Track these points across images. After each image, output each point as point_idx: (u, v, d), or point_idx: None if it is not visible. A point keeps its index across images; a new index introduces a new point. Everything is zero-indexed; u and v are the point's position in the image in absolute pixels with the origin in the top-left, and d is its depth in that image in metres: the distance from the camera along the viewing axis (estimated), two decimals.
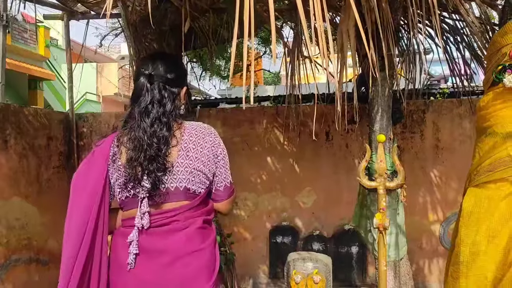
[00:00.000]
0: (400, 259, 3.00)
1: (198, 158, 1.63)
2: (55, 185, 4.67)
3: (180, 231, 1.59)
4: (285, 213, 4.57)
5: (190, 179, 1.60)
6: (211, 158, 1.67)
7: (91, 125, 4.98)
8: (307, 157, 4.52)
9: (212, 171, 1.67)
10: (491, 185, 2.18)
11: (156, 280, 1.57)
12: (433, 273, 4.28)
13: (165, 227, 1.59)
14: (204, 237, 1.63)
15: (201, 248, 1.61)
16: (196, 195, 1.63)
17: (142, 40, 3.75)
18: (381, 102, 2.91)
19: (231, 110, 4.96)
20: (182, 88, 1.73)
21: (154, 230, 1.58)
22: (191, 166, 1.61)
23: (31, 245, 4.33)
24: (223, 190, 1.71)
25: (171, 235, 1.59)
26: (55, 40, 13.76)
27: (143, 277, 1.57)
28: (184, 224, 1.60)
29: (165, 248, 1.58)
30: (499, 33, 2.25)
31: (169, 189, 1.59)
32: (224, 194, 1.72)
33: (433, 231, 4.27)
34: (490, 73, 2.27)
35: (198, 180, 1.62)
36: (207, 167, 1.65)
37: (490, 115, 2.21)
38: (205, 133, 1.69)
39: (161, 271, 1.57)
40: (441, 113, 4.31)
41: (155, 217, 1.59)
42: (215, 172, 1.69)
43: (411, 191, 3.53)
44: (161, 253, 1.58)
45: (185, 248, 1.58)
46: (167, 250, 1.58)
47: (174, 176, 1.59)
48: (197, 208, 1.63)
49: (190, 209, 1.61)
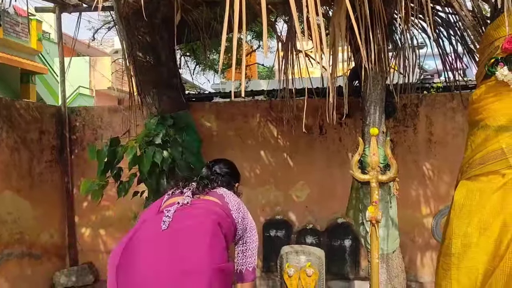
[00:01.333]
0: (393, 252, 3.01)
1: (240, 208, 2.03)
2: (47, 179, 4.64)
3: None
4: (279, 207, 4.57)
5: (228, 195, 2.04)
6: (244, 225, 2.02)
7: (84, 119, 4.94)
8: (301, 151, 4.52)
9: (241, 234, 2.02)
10: (483, 178, 2.20)
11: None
12: (425, 266, 4.31)
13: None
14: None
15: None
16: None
17: (134, 33, 3.72)
18: (374, 96, 2.91)
19: (225, 104, 4.94)
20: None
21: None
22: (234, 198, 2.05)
23: (24, 239, 4.31)
24: (243, 272, 2.01)
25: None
26: (47, 34, 13.61)
27: None
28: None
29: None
30: (491, 26, 2.26)
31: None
32: (244, 275, 2.02)
33: (425, 224, 4.30)
34: (482, 66, 2.28)
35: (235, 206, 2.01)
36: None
37: (482, 108, 2.22)
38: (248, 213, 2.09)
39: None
40: (434, 107, 4.32)
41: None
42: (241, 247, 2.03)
43: (403, 184, 3.54)
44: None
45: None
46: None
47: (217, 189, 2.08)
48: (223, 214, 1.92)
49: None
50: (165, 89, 3.90)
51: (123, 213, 4.67)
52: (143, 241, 1.74)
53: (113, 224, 4.84)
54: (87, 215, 4.91)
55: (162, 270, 1.63)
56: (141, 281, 1.63)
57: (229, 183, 2.22)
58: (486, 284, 2.07)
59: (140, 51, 3.77)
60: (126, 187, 3.58)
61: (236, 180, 2.35)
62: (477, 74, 2.39)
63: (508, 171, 2.09)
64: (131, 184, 3.59)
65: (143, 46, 3.75)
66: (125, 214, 4.63)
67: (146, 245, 1.72)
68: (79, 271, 4.73)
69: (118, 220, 4.78)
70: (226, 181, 2.19)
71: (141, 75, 3.86)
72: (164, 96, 3.89)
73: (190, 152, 3.82)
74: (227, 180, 2.21)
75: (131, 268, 1.67)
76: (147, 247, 1.71)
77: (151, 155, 3.41)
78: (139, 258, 1.68)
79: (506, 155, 2.09)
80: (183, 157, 3.69)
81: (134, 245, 1.74)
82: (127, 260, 1.70)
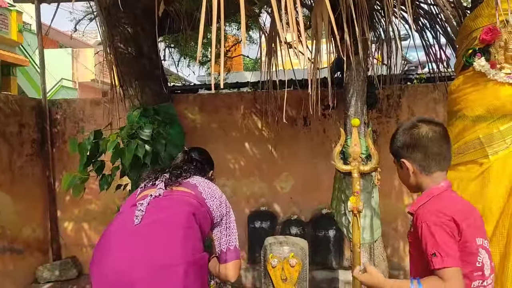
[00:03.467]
0: (375, 241, 3.05)
1: (216, 192, 2.00)
2: (28, 173, 4.57)
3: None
4: (263, 199, 4.59)
5: (201, 183, 1.98)
6: (222, 208, 1.98)
7: (65, 111, 4.87)
8: (285, 143, 4.53)
9: (218, 217, 1.97)
10: (461, 167, 2.23)
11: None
12: (407, 255, 4.37)
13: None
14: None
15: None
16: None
17: (115, 24, 3.66)
18: (356, 87, 2.92)
19: (208, 95, 4.91)
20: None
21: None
22: (208, 185, 2.00)
23: (5, 234, 4.25)
24: (225, 251, 1.96)
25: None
26: (28, 25, 13.35)
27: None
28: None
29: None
30: (469, 17, 2.28)
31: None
32: (226, 255, 1.97)
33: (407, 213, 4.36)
34: (460, 57, 2.30)
35: (209, 193, 1.96)
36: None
37: (460, 98, 2.24)
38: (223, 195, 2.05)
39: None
40: (416, 98, 4.36)
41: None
42: (219, 227, 1.98)
43: (386, 175, 3.56)
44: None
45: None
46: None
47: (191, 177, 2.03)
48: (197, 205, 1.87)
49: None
50: (148, 81, 3.86)
51: (107, 206, 4.64)
52: (116, 236, 1.71)
53: (96, 218, 4.81)
54: (69, 209, 4.86)
55: (136, 265, 1.60)
56: (114, 277, 1.60)
57: (203, 169, 2.18)
58: None
59: (121, 43, 3.71)
60: (109, 180, 3.54)
61: (211, 167, 2.31)
62: (456, 64, 2.41)
63: (485, 160, 2.12)
64: (113, 178, 3.56)
65: (125, 38, 3.70)
66: (109, 207, 4.59)
67: (119, 240, 1.69)
68: (62, 265, 4.69)
69: (101, 213, 4.74)
70: (200, 168, 2.15)
71: (123, 67, 3.80)
72: (146, 88, 3.85)
73: (174, 145, 3.79)
74: (200, 167, 2.17)
75: (104, 263, 1.65)
76: (119, 242, 1.68)
77: (133, 148, 3.38)
78: (112, 253, 1.66)
79: (483, 145, 2.12)
80: (166, 150, 3.66)
81: (107, 240, 1.72)
82: (101, 255, 1.68)
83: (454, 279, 1.36)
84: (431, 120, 1.60)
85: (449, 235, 1.41)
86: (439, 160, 1.55)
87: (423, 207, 1.50)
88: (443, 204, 1.47)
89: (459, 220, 1.43)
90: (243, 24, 1.50)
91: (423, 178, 1.56)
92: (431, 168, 1.55)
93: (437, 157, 1.55)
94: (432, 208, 1.47)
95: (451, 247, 1.40)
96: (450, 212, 1.44)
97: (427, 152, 1.54)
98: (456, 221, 1.43)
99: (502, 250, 2.00)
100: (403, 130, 1.61)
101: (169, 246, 1.66)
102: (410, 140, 1.56)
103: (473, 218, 1.51)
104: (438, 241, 1.40)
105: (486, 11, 2.14)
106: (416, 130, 1.56)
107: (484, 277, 1.49)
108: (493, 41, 2.11)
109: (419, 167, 1.55)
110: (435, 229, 1.41)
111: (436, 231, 1.41)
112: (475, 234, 1.49)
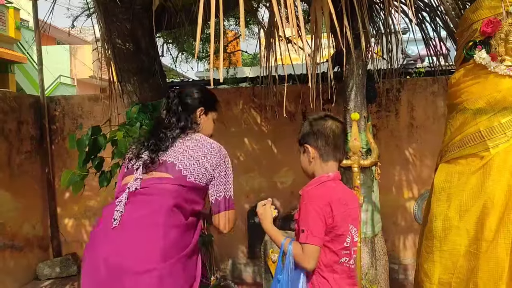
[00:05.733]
0: (375, 236, 3.04)
1: (199, 154, 1.86)
2: (27, 170, 4.56)
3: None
4: (263, 194, 4.58)
5: (179, 158, 1.82)
6: (213, 162, 1.86)
7: (64, 108, 4.85)
8: (285, 138, 4.51)
9: (212, 174, 1.86)
10: (461, 161, 2.21)
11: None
12: (407, 249, 4.38)
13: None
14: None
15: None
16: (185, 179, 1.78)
17: (113, 20, 3.63)
18: (356, 80, 2.91)
19: None
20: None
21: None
22: (189, 153, 1.84)
23: (5, 230, 4.25)
24: (218, 200, 1.86)
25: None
26: (26, 22, 13.29)
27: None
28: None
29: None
30: (470, 9, 2.26)
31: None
32: (219, 205, 1.87)
33: (407, 207, 4.36)
34: (461, 49, 2.28)
35: (190, 166, 1.81)
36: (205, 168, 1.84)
37: (461, 91, 2.23)
38: (217, 144, 1.95)
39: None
40: (416, 92, 4.35)
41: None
42: (213, 180, 1.86)
43: (386, 169, 3.57)
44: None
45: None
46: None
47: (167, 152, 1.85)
48: (179, 188, 1.76)
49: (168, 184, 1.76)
50: (146, 77, 3.84)
51: (106, 202, 4.57)
52: (99, 240, 1.69)
53: (96, 214, 4.80)
54: (69, 206, 4.85)
55: (113, 272, 1.58)
56: (97, 279, 1.60)
57: (186, 125, 1.95)
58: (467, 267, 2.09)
59: (119, 38, 3.69)
60: (108, 177, 3.53)
61: (207, 106, 2.10)
62: (456, 57, 2.40)
63: (486, 153, 2.11)
64: (113, 174, 3.54)
65: (122, 33, 3.67)
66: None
67: (101, 246, 1.67)
68: (62, 262, 4.70)
69: (101, 209, 4.72)
70: (184, 124, 1.94)
71: (121, 63, 3.78)
72: (145, 84, 3.83)
73: None
74: (185, 118, 1.96)
75: (86, 269, 1.66)
76: (101, 247, 1.66)
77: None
78: (94, 260, 1.65)
79: (484, 138, 2.11)
80: None
81: (92, 243, 1.71)
82: (86, 260, 1.70)
83: (311, 254, 1.64)
84: (336, 117, 1.87)
85: (320, 218, 1.65)
86: (336, 151, 1.80)
87: (309, 191, 1.75)
88: (325, 191, 1.72)
89: (334, 206, 1.67)
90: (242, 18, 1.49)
91: (319, 164, 1.79)
92: (329, 157, 1.78)
93: (335, 148, 1.79)
94: (315, 193, 1.72)
95: (318, 229, 1.64)
96: (328, 199, 1.68)
97: (328, 141, 1.78)
98: (331, 206, 1.67)
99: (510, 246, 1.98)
100: (312, 119, 1.84)
101: (145, 251, 1.60)
102: (317, 129, 1.80)
103: (350, 207, 1.74)
104: (309, 220, 1.65)
105: (487, 3, 2.12)
106: (323, 122, 1.81)
107: (350, 256, 1.75)
108: (493, 33, 2.10)
109: (319, 154, 1.78)
110: (310, 210, 1.66)
111: (311, 212, 1.66)
112: (348, 220, 1.72)
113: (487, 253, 2.01)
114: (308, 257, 1.64)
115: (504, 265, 1.95)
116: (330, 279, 1.69)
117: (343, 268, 1.74)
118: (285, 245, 1.72)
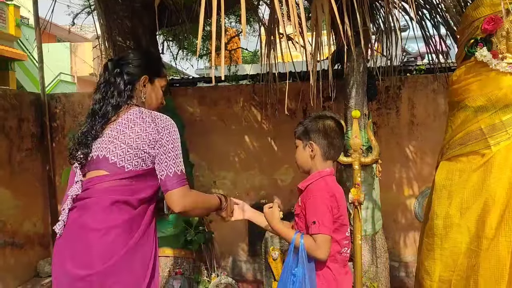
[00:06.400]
0: (376, 233, 3.05)
1: (132, 136, 1.65)
2: (28, 167, 4.56)
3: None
4: (264, 191, 4.58)
5: (111, 149, 1.65)
6: (149, 141, 1.66)
7: (64, 105, 4.85)
8: (285, 135, 4.50)
9: (152, 154, 1.67)
10: (462, 158, 2.21)
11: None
12: (408, 246, 4.38)
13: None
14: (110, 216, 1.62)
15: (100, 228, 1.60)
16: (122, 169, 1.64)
17: (114, 17, 3.63)
18: (356, 78, 2.91)
19: (207, 88, 4.88)
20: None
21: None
22: (120, 139, 1.66)
23: (6, 228, 4.25)
24: (164, 179, 1.65)
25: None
26: (26, 19, 13.27)
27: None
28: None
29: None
30: (471, 7, 2.25)
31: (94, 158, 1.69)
32: (166, 183, 1.66)
33: (408, 205, 4.36)
34: (462, 47, 2.28)
35: (125, 155, 1.65)
36: (143, 147, 1.66)
37: (462, 89, 2.22)
38: (152, 117, 1.71)
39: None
40: (416, 89, 4.34)
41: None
42: (156, 158, 1.67)
43: (386, 166, 3.56)
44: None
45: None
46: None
47: (98, 145, 1.68)
48: (119, 183, 1.64)
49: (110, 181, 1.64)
50: None
51: None
52: (56, 247, 1.72)
53: None
54: None
55: (62, 278, 1.61)
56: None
57: (121, 100, 1.73)
58: (468, 265, 2.09)
59: (119, 36, 3.69)
60: None
61: (152, 73, 1.85)
62: (457, 55, 2.40)
63: (487, 151, 2.11)
64: None
65: (123, 31, 3.67)
66: None
67: (55, 251, 1.71)
68: None
69: None
70: (117, 101, 1.72)
71: None
72: None
73: None
74: (121, 94, 1.74)
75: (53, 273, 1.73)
76: (54, 254, 1.70)
77: None
78: (53, 264, 1.72)
79: (485, 135, 2.11)
80: None
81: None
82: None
83: (324, 244, 1.71)
84: (338, 118, 1.94)
85: (328, 209, 1.73)
86: (336, 151, 1.90)
87: (312, 185, 1.82)
88: (328, 184, 1.81)
89: (339, 197, 1.79)
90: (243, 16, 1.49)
91: (320, 161, 1.86)
92: (329, 155, 1.87)
93: (336, 147, 1.88)
94: (320, 186, 1.80)
95: (328, 219, 1.72)
96: (333, 190, 1.79)
97: (333, 142, 1.87)
98: (336, 197, 1.78)
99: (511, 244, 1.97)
100: (317, 117, 1.91)
101: (82, 257, 1.57)
102: (322, 128, 1.87)
103: (344, 201, 1.85)
104: (318, 212, 1.72)
105: (488, 0, 2.12)
106: (327, 122, 1.88)
107: (349, 246, 1.86)
108: (495, 31, 2.10)
109: (322, 152, 1.86)
110: (319, 202, 1.74)
111: (320, 204, 1.73)
112: (346, 211, 1.84)
113: (488, 251, 2.01)
114: (322, 247, 1.70)
115: (506, 262, 1.95)
116: (332, 268, 1.77)
117: (342, 258, 1.83)
118: (296, 239, 1.74)
